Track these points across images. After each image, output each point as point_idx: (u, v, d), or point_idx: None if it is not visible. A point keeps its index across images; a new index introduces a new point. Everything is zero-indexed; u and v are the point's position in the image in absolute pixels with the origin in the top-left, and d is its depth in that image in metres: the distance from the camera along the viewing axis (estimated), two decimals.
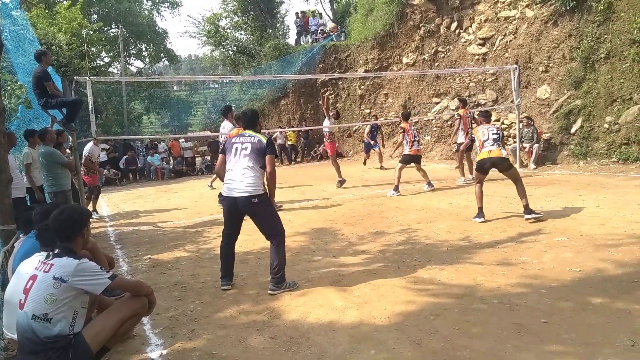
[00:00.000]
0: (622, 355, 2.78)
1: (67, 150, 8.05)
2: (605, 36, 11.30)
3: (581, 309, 3.45)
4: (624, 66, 10.85)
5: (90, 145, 9.79)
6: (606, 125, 11.01)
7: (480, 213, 6.55)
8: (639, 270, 4.11)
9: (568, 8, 12.03)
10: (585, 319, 3.28)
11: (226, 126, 9.33)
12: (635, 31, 10.50)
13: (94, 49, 26.82)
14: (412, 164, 9.64)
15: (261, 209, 4.28)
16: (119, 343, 3.36)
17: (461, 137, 10.34)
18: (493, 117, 14.35)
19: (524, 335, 3.12)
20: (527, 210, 6.24)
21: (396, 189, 9.29)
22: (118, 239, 7.21)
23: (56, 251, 2.92)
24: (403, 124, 9.53)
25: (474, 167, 7.57)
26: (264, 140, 4.35)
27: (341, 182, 10.96)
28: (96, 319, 3.03)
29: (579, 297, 3.64)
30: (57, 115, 7.33)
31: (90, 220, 3.30)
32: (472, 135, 8.05)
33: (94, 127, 8.76)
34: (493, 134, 6.63)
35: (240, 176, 4.24)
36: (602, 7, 11.24)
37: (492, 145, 6.55)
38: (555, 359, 2.81)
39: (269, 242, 6.10)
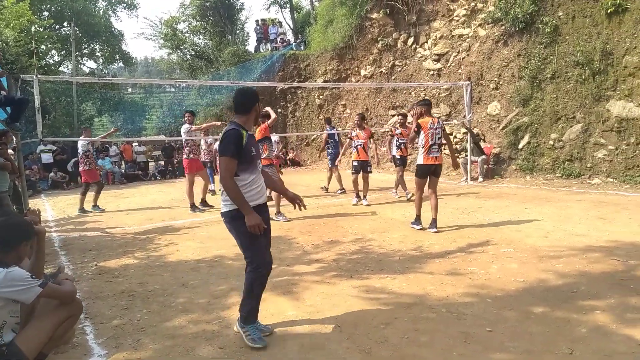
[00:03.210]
0: None
1: (10, 151, 7.68)
2: (551, 57, 11.89)
3: (524, 318, 3.58)
4: (568, 86, 11.45)
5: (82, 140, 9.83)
6: (551, 142, 11.55)
7: (418, 220, 6.83)
8: (578, 281, 4.31)
9: (517, 29, 12.59)
10: (528, 327, 3.41)
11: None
12: (578, 54, 11.11)
13: (43, 47, 25.81)
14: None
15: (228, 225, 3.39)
16: (58, 352, 3.22)
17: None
18: (447, 130, 14.80)
19: (469, 344, 3.20)
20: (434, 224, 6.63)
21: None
22: (63, 245, 6.91)
23: None
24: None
25: (415, 172, 7.01)
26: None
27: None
28: (29, 324, 2.88)
29: (522, 307, 3.78)
30: (1, 114, 6.99)
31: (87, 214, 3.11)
32: (416, 129, 6.77)
33: (40, 127, 8.41)
34: (438, 138, 6.73)
35: None
36: (548, 30, 11.84)
37: (437, 151, 6.73)
38: None
39: (222, 250, 6.06)
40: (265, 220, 3.33)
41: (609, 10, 10.68)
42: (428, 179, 6.84)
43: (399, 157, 10.02)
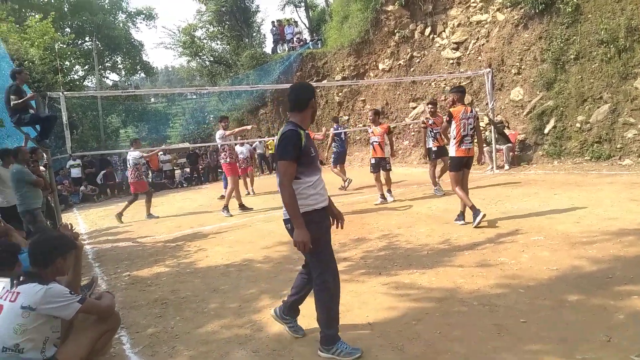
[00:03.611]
0: (599, 351, 2.84)
1: (42, 168, 7.92)
2: (574, 37, 11.58)
3: (558, 306, 3.51)
4: (593, 66, 11.14)
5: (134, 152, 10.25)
6: (578, 125, 11.26)
7: (462, 216, 6.61)
8: (613, 266, 4.20)
9: (537, 11, 12.31)
10: (563, 316, 3.34)
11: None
12: (602, 32, 10.80)
13: (67, 63, 26.48)
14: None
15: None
16: None
17: None
18: None
19: (503, 335, 3.16)
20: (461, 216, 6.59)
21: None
22: (96, 257, 7.10)
23: (21, 278, 2.84)
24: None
25: (449, 166, 6.83)
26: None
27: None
28: (69, 339, 2.97)
29: (555, 295, 3.71)
30: (31, 132, 7.22)
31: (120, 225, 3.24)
32: (448, 118, 6.53)
33: (69, 143, 8.65)
34: (470, 128, 6.48)
35: None
36: (570, 10, 11.54)
37: (470, 143, 6.48)
38: (534, 357, 2.86)
39: (250, 253, 6.13)
40: (327, 226, 3.23)
41: None
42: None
43: (435, 148, 9.41)
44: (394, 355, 3.06)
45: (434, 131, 9.31)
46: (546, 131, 11.94)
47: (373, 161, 9.20)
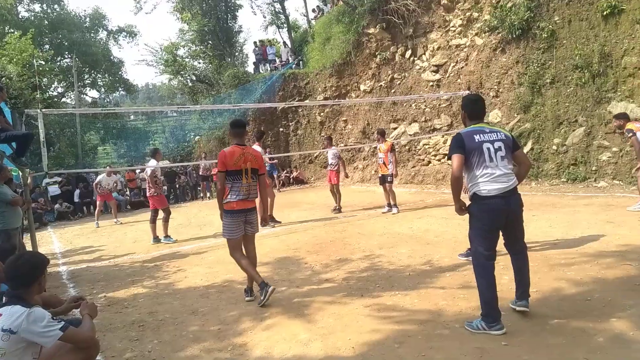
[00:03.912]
0: None
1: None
2: (550, 62, 11.92)
3: (540, 329, 3.53)
4: (568, 90, 11.45)
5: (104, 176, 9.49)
6: (554, 147, 11.52)
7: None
8: (592, 288, 4.25)
9: (514, 36, 12.65)
10: (544, 339, 3.36)
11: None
12: (577, 57, 11.14)
13: (45, 80, 26.12)
14: None
15: None
16: None
17: None
18: (448, 141, 14.80)
19: (485, 359, 3.15)
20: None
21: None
22: (71, 277, 6.91)
23: (4, 299, 2.75)
24: (630, 125, 7.83)
25: None
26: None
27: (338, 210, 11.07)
28: None
29: (537, 318, 3.72)
30: (6, 150, 7.04)
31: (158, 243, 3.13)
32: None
33: (46, 160, 8.46)
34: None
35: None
36: (545, 35, 11.89)
37: None
38: None
39: (230, 274, 6.04)
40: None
41: (605, 13, 10.73)
42: None
43: (380, 176, 10.35)
44: None
45: (379, 157, 10.24)
46: None
47: (380, 175, 10.26)
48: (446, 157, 5.98)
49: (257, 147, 9.92)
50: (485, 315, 3.57)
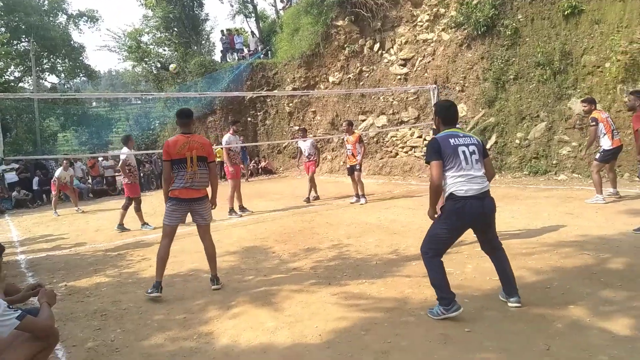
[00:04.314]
0: (539, 359, 2.94)
1: None
2: (514, 59, 12.21)
3: (501, 316, 3.62)
4: (530, 86, 11.77)
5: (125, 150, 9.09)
6: (517, 141, 11.84)
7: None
8: (551, 277, 4.40)
9: (480, 33, 12.88)
10: (505, 326, 3.45)
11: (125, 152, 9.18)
12: (539, 55, 11.45)
13: (1, 64, 25.02)
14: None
15: None
16: None
17: (605, 142, 7.85)
18: (415, 134, 15.01)
19: (449, 345, 3.22)
20: None
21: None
22: (30, 266, 6.66)
23: None
24: (596, 113, 7.93)
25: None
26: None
27: (308, 200, 10.96)
28: (2, 356, 2.74)
29: (499, 305, 3.83)
30: None
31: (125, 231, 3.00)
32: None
33: (2, 146, 8.13)
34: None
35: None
36: (509, 32, 12.16)
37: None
38: None
39: (195, 263, 5.96)
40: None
41: (566, 12, 11.06)
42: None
43: (348, 166, 10.46)
44: None
45: (347, 148, 10.37)
46: (488, 146, 12.44)
47: (348, 166, 10.32)
48: (425, 161, 5.30)
49: (228, 136, 9.93)
50: (440, 299, 3.67)
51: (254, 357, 3.27)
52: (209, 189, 5.02)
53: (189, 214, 4.93)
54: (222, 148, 10.28)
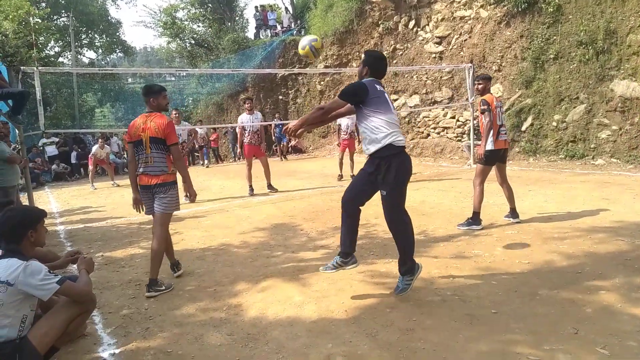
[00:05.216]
0: (567, 343, 2.92)
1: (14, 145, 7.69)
2: (554, 37, 11.77)
3: (529, 299, 3.59)
4: (571, 67, 11.35)
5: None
6: (554, 124, 11.49)
7: (476, 219, 5.84)
8: (583, 261, 4.32)
9: (520, 9, 12.44)
10: (533, 309, 3.42)
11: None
12: (582, 33, 11.00)
13: (42, 39, 25.66)
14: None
15: None
16: (70, 342, 3.26)
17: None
18: (448, 115, 14.75)
19: (475, 325, 3.23)
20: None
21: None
22: (69, 236, 6.96)
23: (0, 253, 2.79)
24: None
25: (480, 160, 5.92)
26: None
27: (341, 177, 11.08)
28: (42, 319, 2.91)
29: (527, 288, 3.79)
30: (3, 107, 6.99)
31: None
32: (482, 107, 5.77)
33: (43, 119, 8.40)
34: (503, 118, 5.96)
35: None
36: (551, 10, 11.70)
37: (506, 133, 5.94)
38: (504, 347, 2.92)
39: (227, 238, 6.09)
40: None
41: None
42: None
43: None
44: (367, 342, 3.09)
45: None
46: (523, 128, 12.15)
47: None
48: (338, 95, 3.80)
49: (242, 115, 9.87)
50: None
51: (281, 330, 3.35)
52: (179, 176, 4.58)
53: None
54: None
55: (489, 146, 5.74)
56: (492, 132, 5.72)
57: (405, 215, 3.85)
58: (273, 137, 19.50)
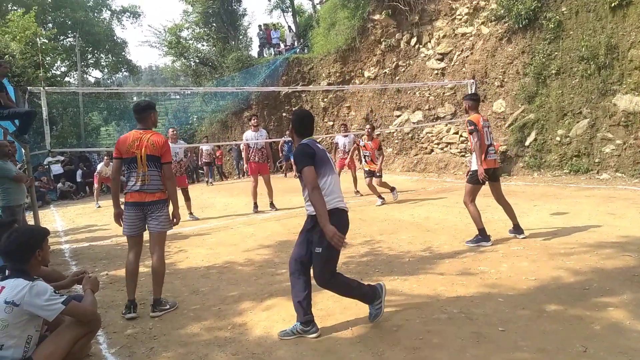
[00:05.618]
0: None
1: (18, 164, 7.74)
2: (556, 53, 11.83)
3: (537, 316, 3.56)
4: (573, 82, 11.39)
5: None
6: (558, 138, 11.48)
7: (484, 235, 5.81)
8: (590, 278, 4.28)
9: (521, 26, 12.54)
10: (541, 326, 3.39)
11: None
12: (583, 49, 11.05)
13: (48, 59, 26.00)
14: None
15: None
16: None
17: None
18: (451, 130, 14.78)
19: (482, 344, 3.19)
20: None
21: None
22: (74, 255, 6.97)
23: (7, 272, 2.80)
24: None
25: (469, 180, 6.03)
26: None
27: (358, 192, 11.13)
28: (47, 339, 2.90)
29: (534, 305, 3.76)
30: (9, 127, 7.06)
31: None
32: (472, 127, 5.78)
33: (49, 138, 8.49)
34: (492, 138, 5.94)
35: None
36: (552, 26, 11.78)
37: (495, 153, 5.98)
38: None
39: (231, 256, 6.08)
40: None
41: (613, 4, 10.61)
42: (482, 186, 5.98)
43: (366, 169, 9.98)
44: None
45: (364, 153, 10.00)
46: (527, 143, 12.15)
47: (366, 169, 9.93)
48: (297, 170, 3.80)
49: (247, 132, 9.99)
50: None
51: (286, 349, 3.33)
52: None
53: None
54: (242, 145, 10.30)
55: (476, 167, 5.78)
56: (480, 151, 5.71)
57: (333, 276, 3.55)
58: (280, 154, 19.58)
